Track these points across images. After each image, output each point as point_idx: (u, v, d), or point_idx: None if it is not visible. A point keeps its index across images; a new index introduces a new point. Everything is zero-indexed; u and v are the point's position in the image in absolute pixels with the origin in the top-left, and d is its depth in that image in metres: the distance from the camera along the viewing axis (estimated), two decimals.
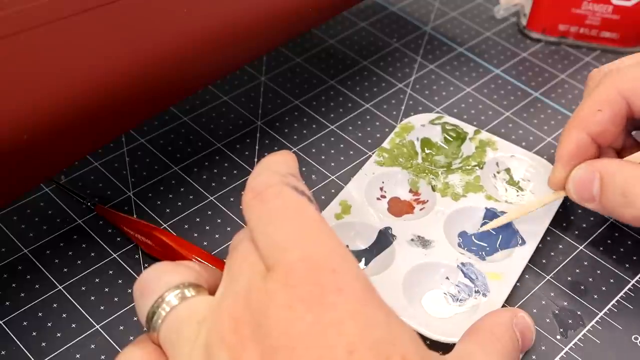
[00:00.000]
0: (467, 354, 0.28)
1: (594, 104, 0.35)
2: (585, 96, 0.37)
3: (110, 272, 0.37)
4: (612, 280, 0.37)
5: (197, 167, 0.42)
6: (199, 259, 0.35)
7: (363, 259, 0.36)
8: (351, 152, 0.43)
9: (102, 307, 0.35)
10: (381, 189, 0.40)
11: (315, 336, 0.21)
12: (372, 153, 0.43)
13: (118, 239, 0.38)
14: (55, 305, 0.35)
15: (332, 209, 0.38)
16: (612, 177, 0.33)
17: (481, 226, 0.37)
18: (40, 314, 0.35)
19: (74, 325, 0.34)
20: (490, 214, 0.38)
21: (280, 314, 0.22)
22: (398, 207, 0.39)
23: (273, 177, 0.25)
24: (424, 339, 0.32)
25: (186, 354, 0.23)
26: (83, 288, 0.36)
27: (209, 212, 0.40)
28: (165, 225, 0.39)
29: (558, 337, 0.34)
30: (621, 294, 0.36)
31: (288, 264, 0.23)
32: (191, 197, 0.40)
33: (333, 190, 0.41)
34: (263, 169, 0.26)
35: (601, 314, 0.35)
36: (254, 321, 0.22)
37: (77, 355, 0.33)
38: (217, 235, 0.38)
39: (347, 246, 0.37)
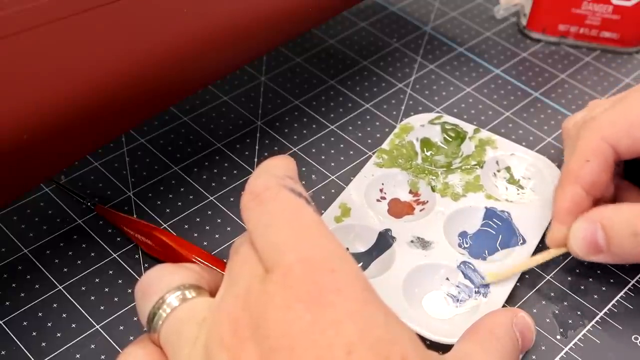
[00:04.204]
0: (467, 353, 0.28)
1: (581, 156, 0.34)
2: (566, 150, 0.37)
3: (110, 272, 0.37)
4: (612, 280, 0.37)
5: (197, 167, 0.42)
6: (199, 259, 0.35)
7: (364, 261, 0.36)
8: (351, 152, 0.43)
9: (102, 307, 0.35)
10: (381, 190, 0.40)
11: (314, 336, 0.21)
12: (372, 153, 0.43)
13: (118, 239, 0.38)
14: (55, 305, 0.35)
15: (331, 212, 0.38)
16: (614, 221, 0.33)
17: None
18: (40, 314, 0.35)
19: (74, 325, 0.34)
20: (491, 213, 0.38)
21: (279, 315, 0.22)
22: (398, 209, 0.39)
23: (271, 180, 0.25)
24: (424, 340, 0.32)
25: (186, 355, 0.24)
26: (83, 288, 0.36)
27: (209, 212, 0.40)
28: (165, 225, 0.39)
29: (558, 337, 0.34)
30: (621, 294, 0.36)
31: (286, 266, 0.23)
32: (191, 197, 0.40)
33: (333, 191, 0.41)
34: (261, 172, 0.26)
35: (601, 314, 0.35)
36: (253, 322, 0.22)
37: (77, 355, 0.33)
38: (217, 235, 0.38)
39: (347, 249, 0.37)
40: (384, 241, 0.37)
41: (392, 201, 0.39)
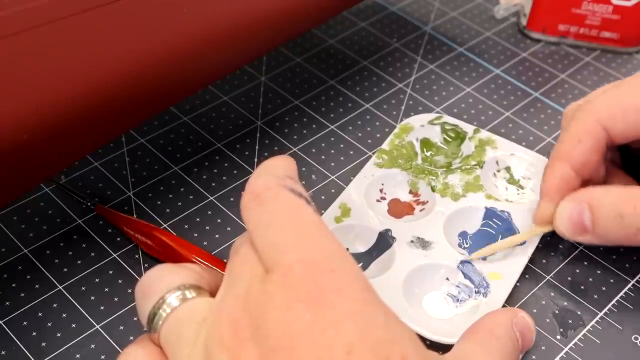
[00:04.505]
0: (466, 353, 0.29)
1: (573, 136, 0.35)
2: (562, 132, 0.37)
3: (110, 272, 0.37)
4: (612, 280, 0.37)
5: (197, 167, 0.42)
6: (199, 259, 0.35)
7: (364, 261, 0.36)
8: (351, 152, 0.43)
9: (102, 307, 0.35)
10: (381, 190, 0.40)
11: (314, 336, 0.21)
12: (372, 153, 0.43)
13: (118, 239, 0.38)
14: (55, 305, 0.35)
15: (331, 212, 0.38)
16: (601, 202, 0.33)
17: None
18: (40, 314, 0.35)
19: (74, 325, 0.34)
20: (491, 213, 0.38)
21: (279, 315, 0.22)
22: (398, 209, 0.39)
23: (271, 180, 0.25)
24: (424, 340, 0.32)
25: (186, 355, 0.24)
26: (83, 288, 0.36)
27: (209, 212, 0.40)
28: (165, 225, 0.39)
29: (558, 337, 0.34)
30: (621, 294, 0.36)
31: (286, 266, 0.23)
32: (191, 197, 0.40)
33: (333, 191, 0.41)
34: (261, 172, 0.26)
35: (601, 314, 0.35)
36: (253, 323, 0.22)
37: (77, 355, 0.33)
38: (217, 235, 0.38)
39: (347, 249, 0.37)
40: (384, 241, 0.37)
41: (392, 201, 0.39)
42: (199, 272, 0.27)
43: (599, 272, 0.37)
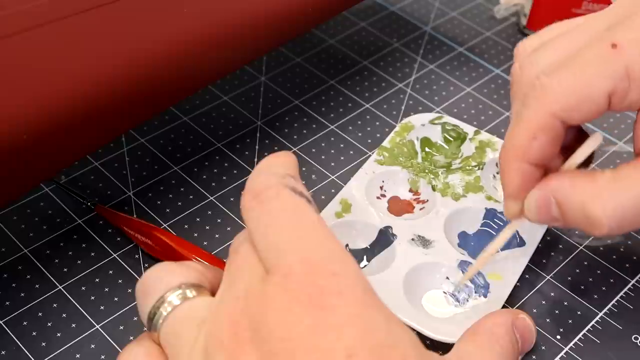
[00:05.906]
0: (466, 354, 0.28)
1: (527, 133, 0.31)
2: (513, 103, 0.33)
3: (110, 272, 0.37)
4: (612, 280, 0.37)
5: (197, 167, 0.42)
6: (199, 259, 0.35)
7: (365, 257, 0.37)
8: (351, 152, 0.43)
9: (102, 307, 0.35)
10: (381, 187, 0.40)
11: (315, 340, 0.21)
12: (372, 153, 0.43)
13: (118, 239, 0.38)
14: (55, 305, 0.35)
15: (332, 207, 0.38)
16: (568, 200, 0.31)
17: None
18: (40, 314, 0.35)
19: (74, 325, 0.34)
20: (491, 215, 0.38)
21: (279, 318, 0.22)
22: (398, 207, 0.39)
23: (271, 179, 0.25)
24: (424, 338, 0.32)
25: (186, 355, 0.23)
26: (83, 288, 0.36)
27: (209, 212, 0.40)
28: (165, 225, 0.39)
29: (558, 337, 0.34)
30: (621, 294, 0.36)
31: (287, 267, 0.22)
32: (191, 197, 0.40)
33: (333, 190, 0.41)
34: (262, 170, 0.26)
35: (601, 314, 0.35)
36: (252, 325, 0.22)
37: (77, 355, 0.33)
38: (217, 235, 0.38)
39: (347, 245, 0.37)
40: (385, 238, 0.37)
41: (392, 199, 0.39)
42: (200, 270, 0.27)
43: (599, 272, 0.37)
